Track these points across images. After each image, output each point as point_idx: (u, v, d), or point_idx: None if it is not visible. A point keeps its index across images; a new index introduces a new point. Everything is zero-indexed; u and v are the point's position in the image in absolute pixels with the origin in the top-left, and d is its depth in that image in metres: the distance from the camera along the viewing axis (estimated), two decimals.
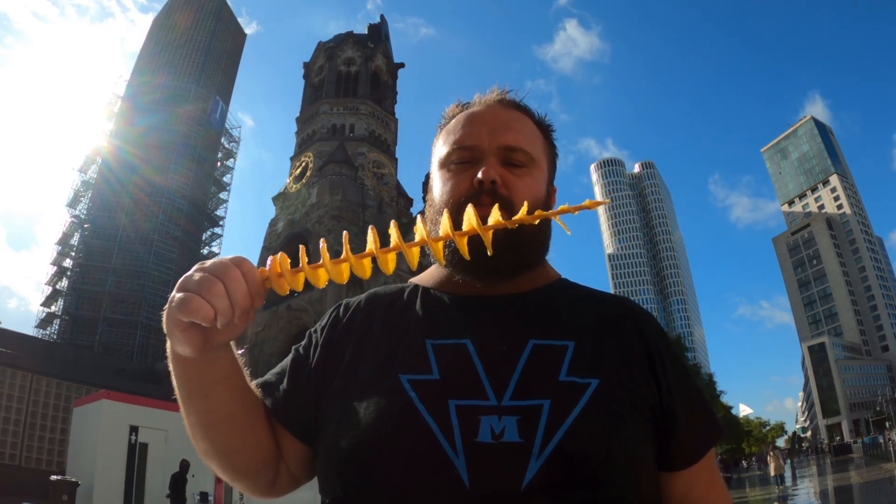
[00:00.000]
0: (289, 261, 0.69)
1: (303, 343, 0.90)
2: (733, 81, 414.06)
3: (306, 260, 0.67)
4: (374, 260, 0.67)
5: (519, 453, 0.68)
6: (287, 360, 0.89)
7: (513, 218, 0.68)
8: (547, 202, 0.90)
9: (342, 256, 0.67)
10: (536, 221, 0.68)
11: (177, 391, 0.76)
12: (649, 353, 0.82)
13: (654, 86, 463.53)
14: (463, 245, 0.68)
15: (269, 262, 0.68)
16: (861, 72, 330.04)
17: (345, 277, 0.67)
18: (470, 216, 0.68)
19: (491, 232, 0.68)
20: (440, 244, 0.69)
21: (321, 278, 0.66)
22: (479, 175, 0.82)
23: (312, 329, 0.91)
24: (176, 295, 0.65)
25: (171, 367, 0.75)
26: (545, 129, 0.95)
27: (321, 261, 0.66)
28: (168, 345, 0.72)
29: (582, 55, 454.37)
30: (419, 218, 0.72)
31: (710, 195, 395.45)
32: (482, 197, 0.81)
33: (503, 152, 0.86)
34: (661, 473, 0.80)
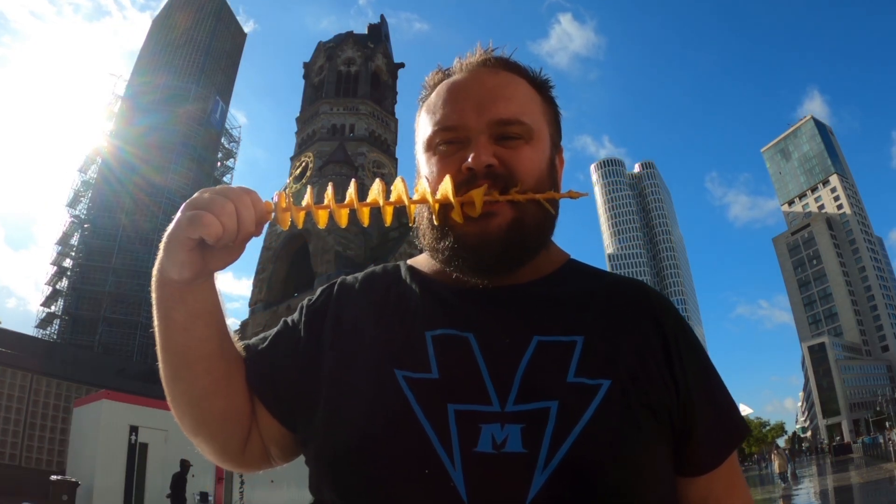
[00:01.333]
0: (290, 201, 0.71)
1: (293, 316, 0.84)
2: (730, 77, 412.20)
3: (312, 200, 0.69)
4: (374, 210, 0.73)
5: (522, 465, 0.62)
6: (274, 330, 0.84)
7: (505, 195, 0.69)
8: (551, 172, 0.80)
9: (347, 201, 0.69)
10: (525, 199, 0.67)
11: (157, 325, 0.72)
12: (666, 346, 0.74)
13: (650, 81, 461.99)
14: (434, 208, 0.71)
15: (275, 196, 0.69)
16: (860, 68, 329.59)
17: (344, 221, 0.70)
18: (478, 193, 0.71)
19: (480, 201, 0.69)
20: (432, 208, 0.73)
21: (322, 218, 0.70)
22: (469, 162, 0.73)
23: (304, 302, 0.85)
24: (186, 213, 0.64)
25: (154, 297, 0.71)
26: (541, 87, 0.83)
27: (326, 202, 0.70)
28: (155, 271, 0.70)
29: (577, 50, 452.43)
30: (399, 178, 0.72)
31: (707, 193, 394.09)
32: (478, 182, 0.73)
33: (495, 127, 0.75)
34: (679, 478, 0.74)
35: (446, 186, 0.69)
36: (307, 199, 0.70)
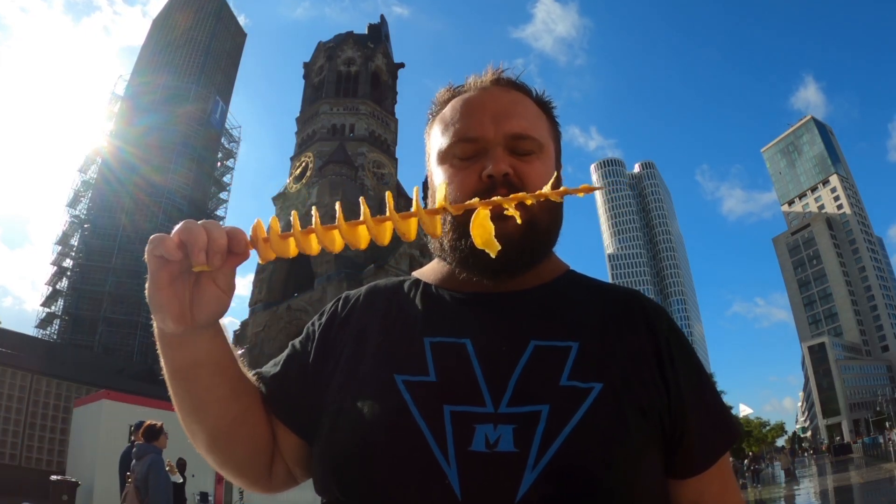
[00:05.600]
0: (279, 226, 0.65)
1: (300, 338, 0.87)
2: (721, 65, 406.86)
3: (298, 225, 0.63)
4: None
5: (513, 464, 0.64)
6: (284, 354, 0.87)
7: (467, 203, 0.65)
8: (557, 187, 0.81)
9: (335, 223, 0.63)
10: (529, 202, 0.65)
11: (164, 371, 0.74)
12: (658, 352, 0.77)
13: (637, 69, 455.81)
14: (437, 223, 0.64)
15: (253, 224, 0.65)
16: (854, 54, 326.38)
17: (337, 246, 0.64)
18: (482, 218, 0.63)
19: (487, 213, 0.64)
20: (437, 218, 0.64)
21: (312, 245, 0.63)
22: (490, 170, 0.77)
23: (310, 322, 0.88)
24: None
25: (158, 347, 0.72)
26: (546, 107, 0.90)
27: (313, 225, 0.63)
28: (154, 323, 0.70)
29: (561, 35, 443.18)
30: (416, 190, 0.66)
31: (698, 186, 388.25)
32: (497, 190, 0.76)
33: (510, 141, 0.81)
34: (671, 480, 0.76)
35: (441, 195, 0.66)
36: (295, 224, 0.64)
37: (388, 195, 0.64)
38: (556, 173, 0.87)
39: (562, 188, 0.65)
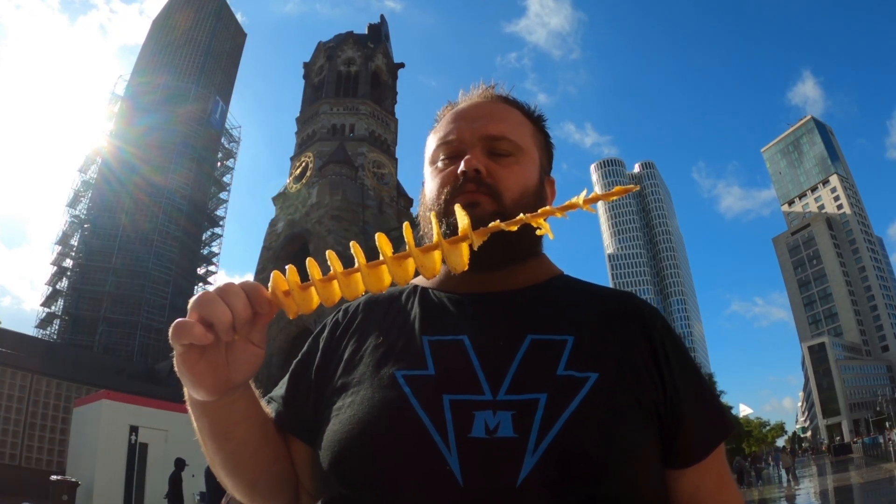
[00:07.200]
0: (297, 278, 0.64)
1: (304, 350, 0.90)
2: (717, 60, 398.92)
3: (318, 275, 0.62)
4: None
5: (513, 449, 0.66)
6: (287, 375, 0.90)
7: (490, 225, 0.64)
8: (539, 192, 0.88)
9: (355, 267, 0.63)
10: (515, 228, 0.64)
11: (198, 433, 0.76)
12: (653, 349, 0.79)
13: (631, 62, 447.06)
14: (463, 252, 0.64)
15: (271, 278, 0.65)
16: (852, 49, 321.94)
17: (360, 290, 0.63)
18: (461, 217, 0.63)
19: (475, 238, 0.63)
20: (435, 255, 0.63)
21: (331, 294, 0.63)
22: (462, 166, 0.82)
23: (314, 334, 0.91)
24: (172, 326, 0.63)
25: (190, 411, 0.74)
26: (536, 121, 0.94)
27: (332, 272, 0.63)
28: (185, 390, 0.71)
29: (555, 28, 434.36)
30: (405, 226, 0.64)
31: (695, 184, 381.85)
32: (466, 185, 0.81)
33: (486, 142, 0.85)
34: (669, 471, 0.78)
35: (464, 222, 0.64)
36: (312, 270, 0.64)
37: (407, 228, 0.63)
38: (546, 180, 0.92)
39: (593, 194, 0.63)
